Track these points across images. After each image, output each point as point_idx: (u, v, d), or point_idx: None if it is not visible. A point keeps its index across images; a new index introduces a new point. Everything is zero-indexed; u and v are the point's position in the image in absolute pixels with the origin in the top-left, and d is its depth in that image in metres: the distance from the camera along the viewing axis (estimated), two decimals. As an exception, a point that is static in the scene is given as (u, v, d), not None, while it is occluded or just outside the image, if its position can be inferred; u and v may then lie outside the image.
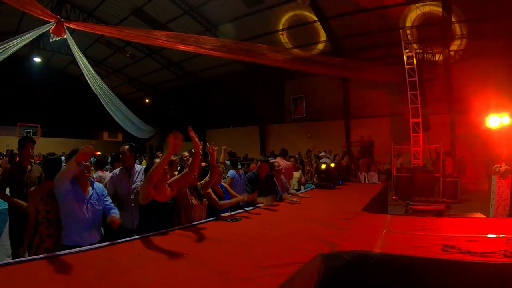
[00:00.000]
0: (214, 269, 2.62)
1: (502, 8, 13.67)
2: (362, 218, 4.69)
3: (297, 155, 12.11)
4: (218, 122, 24.02)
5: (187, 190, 4.28)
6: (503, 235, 3.52)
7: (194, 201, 4.32)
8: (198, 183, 4.62)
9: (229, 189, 5.63)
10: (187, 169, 4.20)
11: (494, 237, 3.55)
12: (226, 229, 4.02)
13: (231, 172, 7.32)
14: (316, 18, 16.18)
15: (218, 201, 4.82)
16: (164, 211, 3.81)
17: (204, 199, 4.52)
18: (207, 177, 4.68)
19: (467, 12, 14.45)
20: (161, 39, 12.38)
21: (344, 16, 15.97)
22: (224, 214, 4.52)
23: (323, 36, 17.28)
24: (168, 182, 3.97)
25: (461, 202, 11.79)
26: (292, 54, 15.96)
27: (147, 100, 29.19)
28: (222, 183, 5.59)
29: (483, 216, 6.71)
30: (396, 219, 4.60)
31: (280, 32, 17.34)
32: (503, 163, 7.85)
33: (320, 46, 17.75)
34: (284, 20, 16.95)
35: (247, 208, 5.25)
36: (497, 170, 7.77)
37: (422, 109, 13.15)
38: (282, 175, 7.07)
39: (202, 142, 6.94)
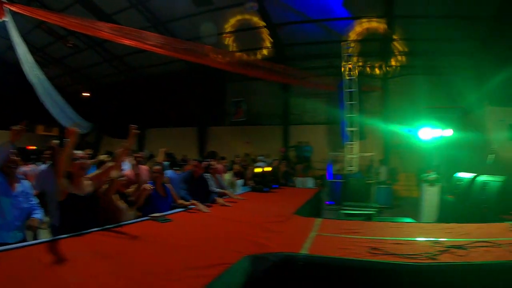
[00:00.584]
0: (140, 269, 2.55)
1: (439, 30, 14.59)
2: (293, 221, 4.73)
3: (236, 158, 12.02)
4: (158, 121, 23.40)
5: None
6: (429, 238, 3.63)
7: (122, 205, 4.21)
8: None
9: (173, 191, 5.54)
10: (110, 163, 4.03)
11: (420, 240, 3.67)
12: (157, 229, 3.93)
13: (169, 173, 7.22)
14: (262, 24, 16.21)
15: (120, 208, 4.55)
16: (83, 205, 3.59)
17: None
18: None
19: (408, 31, 15.23)
20: (104, 31, 11.95)
21: (291, 25, 16.14)
22: (155, 214, 4.41)
23: (267, 42, 17.38)
24: (89, 176, 3.83)
25: (393, 207, 12.32)
26: (235, 57, 15.89)
27: (86, 94, 27.89)
28: (166, 184, 5.51)
29: (413, 220, 7.00)
30: (326, 222, 4.66)
31: (226, 35, 17.24)
32: (431, 171, 8.22)
33: (264, 51, 17.84)
34: (231, 23, 16.86)
35: (180, 209, 5.19)
36: (426, 178, 8.12)
37: (359, 118, 13.52)
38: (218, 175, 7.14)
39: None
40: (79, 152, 3.72)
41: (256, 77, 16.39)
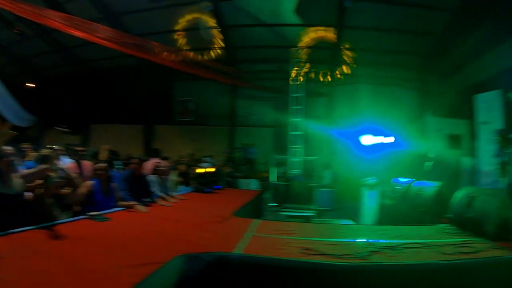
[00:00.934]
0: (74, 268, 2.48)
1: (387, 42, 15.26)
2: (232, 222, 4.75)
3: (181, 158, 11.84)
4: (104, 117, 22.65)
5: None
6: (363, 240, 3.72)
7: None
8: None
9: (117, 190, 5.40)
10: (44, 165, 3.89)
11: (354, 241, 3.75)
12: (93, 228, 3.84)
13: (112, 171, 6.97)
14: (215, 25, 16.09)
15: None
16: (11, 204, 3.40)
17: None
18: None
19: (357, 42, 15.61)
20: (54, 20, 11.37)
21: (243, 28, 16.14)
22: (92, 213, 4.26)
23: (219, 43, 17.27)
24: (20, 173, 3.71)
25: (335, 210, 12.45)
26: (185, 56, 15.68)
27: (30, 85, 26.44)
28: (112, 183, 5.37)
29: (351, 222, 7.19)
30: (264, 223, 4.69)
31: (178, 33, 16.98)
32: (372, 177, 8.47)
33: (215, 52, 17.72)
34: (184, 21, 16.62)
35: (119, 208, 5.07)
36: (366, 182, 8.34)
37: (304, 123, 13.74)
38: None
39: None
40: (7, 148, 3.53)
41: (205, 78, 16.31)
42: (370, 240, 3.73)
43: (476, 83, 12.97)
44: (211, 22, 15.84)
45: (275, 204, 10.83)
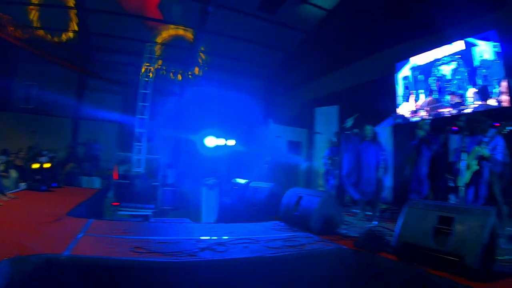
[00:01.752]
0: None
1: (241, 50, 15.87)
2: (64, 222, 4.48)
3: (20, 153, 10.67)
4: None
5: None
6: (195, 237, 3.86)
7: None
8: None
9: None
10: None
11: (186, 238, 3.84)
12: None
13: None
14: (73, 5, 14.68)
15: None
16: None
17: None
18: None
19: (213, 46, 15.87)
20: None
21: (103, 13, 14.92)
22: None
23: (73, 26, 15.79)
24: None
25: (179, 209, 12.58)
26: (32, 33, 14.10)
27: None
28: None
29: (189, 221, 7.34)
30: (97, 223, 4.54)
31: (30, 7, 14.96)
32: (212, 177, 8.75)
33: (67, 35, 16.16)
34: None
35: None
36: (206, 182, 8.58)
37: (150, 121, 13.50)
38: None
39: None
40: None
41: (53, 62, 14.93)
42: (201, 237, 3.87)
43: (316, 97, 14.48)
44: (70, 1, 14.46)
45: (116, 203, 10.47)
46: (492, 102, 8.36)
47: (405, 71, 10.89)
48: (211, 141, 10.59)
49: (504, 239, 4.63)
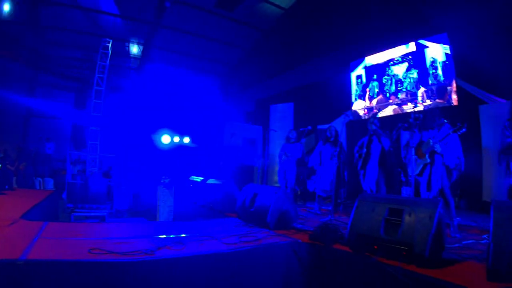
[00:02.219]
0: None
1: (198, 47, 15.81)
2: (19, 226, 4.35)
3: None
4: None
5: None
6: (152, 236, 3.89)
7: None
8: None
9: None
10: None
11: (143, 238, 3.86)
12: None
13: None
14: None
15: None
16: None
17: None
18: None
19: (168, 42, 15.69)
20: None
21: (56, 5, 14.25)
22: None
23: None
24: None
25: (135, 209, 12.23)
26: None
27: None
28: None
29: (146, 220, 7.31)
30: (53, 226, 4.45)
31: None
32: (167, 175, 8.75)
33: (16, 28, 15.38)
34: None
35: None
36: (162, 180, 8.56)
37: (104, 118, 13.22)
38: None
39: None
40: None
41: (2, 56, 14.05)
42: (159, 236, 3.91)
43: (272, 95, 14.70)
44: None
45: (71, 204, 10.23)
46: (442, 100, 8.86)
47: (359, 70, 11.27)
48: (166, 139, 10.51)
49: (454, 229, 4.94)
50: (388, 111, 10.31)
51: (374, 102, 10.85)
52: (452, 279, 2.85)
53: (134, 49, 16.15)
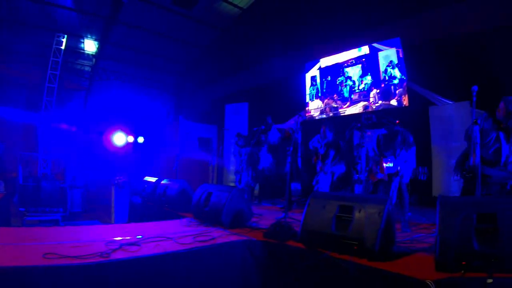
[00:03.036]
0: None
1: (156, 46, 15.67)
2: None
3: None
4: None
5: None
6: (107, 239, 3.87)
7: None
8: None
9: None
10: None
11: (98, 241, 3.82)
12: None
13: None
14: None
15: None
16: None
17: None
18: None
19: (125, 38, 15.40)
20: None
21: None
22: None
23: None
24: None
25: (88, 211, 12.08)
26: None
27: None
28: None
29: (99, 223, 7.23)
30: (4, 231, 4.34)
31: None
32: (121, 176, 8.66)
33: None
34: None
35: None
36: (116, 181, 8.46)
37: (57, 117, 12.83)
38: None
39: None
40: None
41: None
42: (113, 238, 3.92)
43: (227, 94, 14.81)
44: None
45: (23, 208, 9.91)
46: (393, 102, 9.30)
47: (313, 71, 11.55)
48: (120, 138, 10.32)
49: (404, 223, 5.20)
50: (341, 112, 10.64)
51: (327, 102, 11.17)
52: (402, 271, 3.01)
53: (90, 45, 15.73)
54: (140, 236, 4.10)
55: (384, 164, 5.44)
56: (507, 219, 2.84)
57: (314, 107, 11.51)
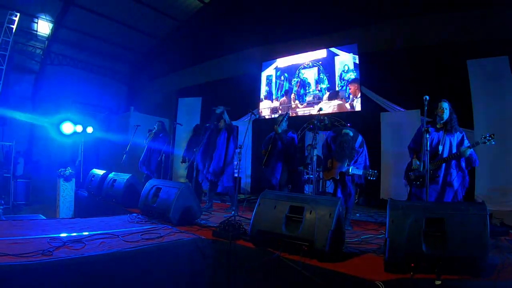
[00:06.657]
0: None
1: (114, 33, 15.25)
2: None
3: None
4: None
5: None
6: (49, 235, 3.67)
7: None
8: None
9: None
10: None
11: (40, 237, 3.63)
12: None
13: None
14: None
15: None
16: None
17: None
18: None
19: (81, 24, 14.84)
20: None
21: None
22: None
23: None
24: None
25: (32, 204, 11.48)
26: None
27: None
28: None
29: (43, 217, 6.90)
30: None
31: None
32: (68, 167, 8.31)
33: None
34: None
35: None
36: (62, 173, 8.11)
37: (2, 101, 12.09)
38: None
39: None
40: None
41: None
42: (57, 235, 3.73)
43: (181, 88, 14.62)
44: None
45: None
46: (347, 106, 9.55)
47: (270, 71, 11.61)
48: (68, 128, 9.83)
49: (348, 222, 5.31)
50: (294, 112, 10.76)
51: (281, 102, 11.27)
52: (352, 272, 3.05)
53: (43, 27, 14.95)
54: (86, 233, 3.93)
55: (335, 164, 5.52)
56: (454, 224, 2.96)
57: (266, 106, 11.58)
